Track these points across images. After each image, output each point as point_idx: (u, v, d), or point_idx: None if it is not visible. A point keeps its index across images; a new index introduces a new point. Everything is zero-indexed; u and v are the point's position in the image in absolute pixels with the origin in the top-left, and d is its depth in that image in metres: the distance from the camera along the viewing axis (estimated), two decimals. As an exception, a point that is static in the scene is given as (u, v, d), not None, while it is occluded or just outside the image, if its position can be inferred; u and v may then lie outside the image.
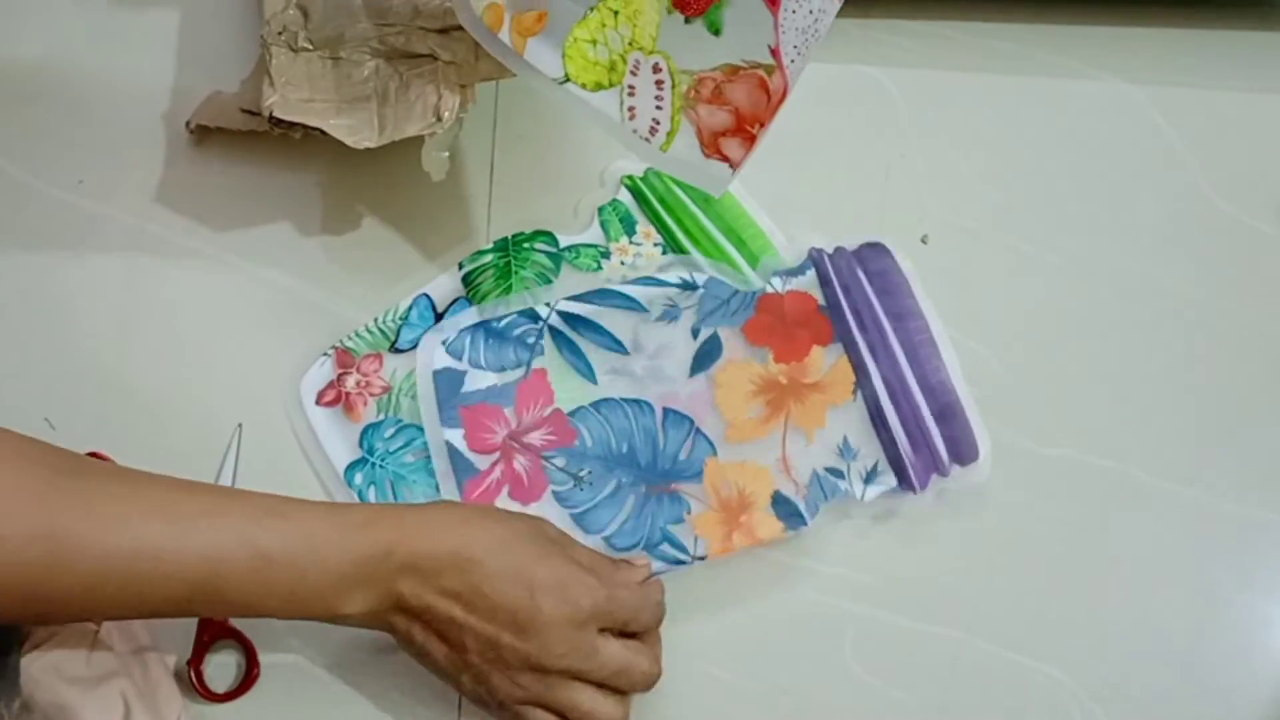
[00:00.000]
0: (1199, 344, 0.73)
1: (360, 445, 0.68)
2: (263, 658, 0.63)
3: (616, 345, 0.69)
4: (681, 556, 0.65)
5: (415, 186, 0.72)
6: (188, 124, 0.72)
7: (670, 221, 0.73)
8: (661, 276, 0.71)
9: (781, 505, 0.66)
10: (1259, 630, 0.67)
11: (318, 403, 0.69)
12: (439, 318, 0.70)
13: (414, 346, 0.70)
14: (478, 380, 0.68)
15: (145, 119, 0.74)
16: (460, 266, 0.71)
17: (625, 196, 0.73)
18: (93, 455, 0.66)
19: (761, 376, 0.69)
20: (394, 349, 0.70)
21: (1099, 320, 0.73)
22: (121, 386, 0.69)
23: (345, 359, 0.70)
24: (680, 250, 0.72)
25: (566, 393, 0.68)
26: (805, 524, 0.66)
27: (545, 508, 0.66)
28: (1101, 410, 0.71)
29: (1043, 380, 0.72)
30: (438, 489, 0.67)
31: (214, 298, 0.71)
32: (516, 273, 0.71)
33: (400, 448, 0.68)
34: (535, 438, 0.67)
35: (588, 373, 0.69)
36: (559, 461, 0.67)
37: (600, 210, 0.73)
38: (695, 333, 0.70)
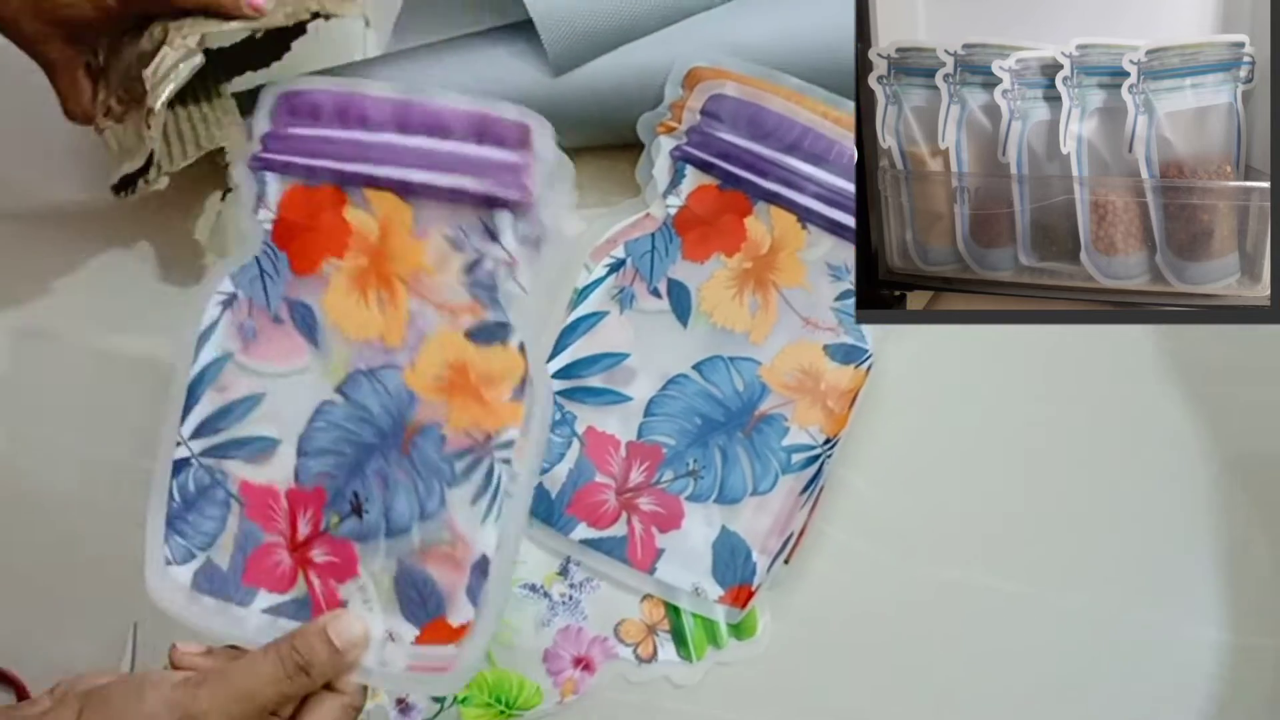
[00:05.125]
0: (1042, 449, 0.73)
1: None
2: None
3: (618, 358, 0.71)
4: (815, 450, 0.69)
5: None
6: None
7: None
8: (592, 278, 0.72)
9: (838, 353, 0.70)
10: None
11: None
12: None
13: None
14: (555, 480, 0.70)
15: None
16: None
17: None
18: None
19: (730, 278, 0.72)
20: None
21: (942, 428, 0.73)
22: (13, 592, 0.68)
23: None
24: None
25: (619, 425, 0.70)
26: (867, 351, 0.70)
27: (692, 516, 0.69)
28: (951, 519, 0.71)
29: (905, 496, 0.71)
30: None
31: (99, 493, 0.69)
32: None
33: None
34: (635, 477, 0.70)
35: (621, 398, 0.71)
36: (669, 475, 0.70)
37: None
38: (657, 293, 0.72)
